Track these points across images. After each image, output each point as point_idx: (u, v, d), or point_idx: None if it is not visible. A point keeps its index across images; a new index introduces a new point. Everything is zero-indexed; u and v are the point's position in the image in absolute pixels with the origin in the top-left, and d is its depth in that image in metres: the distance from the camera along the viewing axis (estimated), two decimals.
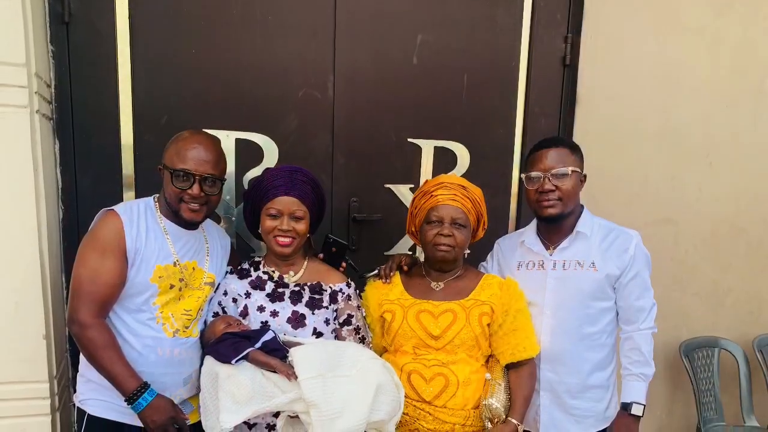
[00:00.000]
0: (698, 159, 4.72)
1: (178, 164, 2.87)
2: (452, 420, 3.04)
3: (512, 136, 4.32)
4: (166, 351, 2.93)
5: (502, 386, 3.13)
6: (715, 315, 5.05)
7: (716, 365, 4.94)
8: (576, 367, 3.30)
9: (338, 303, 3.16)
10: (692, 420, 4.95)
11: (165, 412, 2.81)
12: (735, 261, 5.00)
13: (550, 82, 4.32)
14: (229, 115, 3.75)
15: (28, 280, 3.07)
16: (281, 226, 3.01)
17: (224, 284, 3.17)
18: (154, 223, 2.95)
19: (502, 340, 3.17)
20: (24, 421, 3.15)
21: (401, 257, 3.43)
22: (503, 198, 4.37)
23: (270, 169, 3.22)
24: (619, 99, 4.42)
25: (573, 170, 3.20)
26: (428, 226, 3.16)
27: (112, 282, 2.79)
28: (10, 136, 2.99)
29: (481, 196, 3.26)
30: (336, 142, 3.95)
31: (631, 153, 4.52)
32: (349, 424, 2.69)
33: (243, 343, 2.82)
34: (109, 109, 3.54)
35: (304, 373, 2.69)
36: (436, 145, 4.15)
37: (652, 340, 3.27)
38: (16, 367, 3.11)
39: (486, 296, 3.18)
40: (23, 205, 3.04)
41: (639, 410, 3.24)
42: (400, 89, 4.03)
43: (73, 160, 3.52)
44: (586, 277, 3.23)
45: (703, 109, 4.66)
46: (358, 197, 4.02)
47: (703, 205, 4.79)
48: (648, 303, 3.25)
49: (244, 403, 2.71)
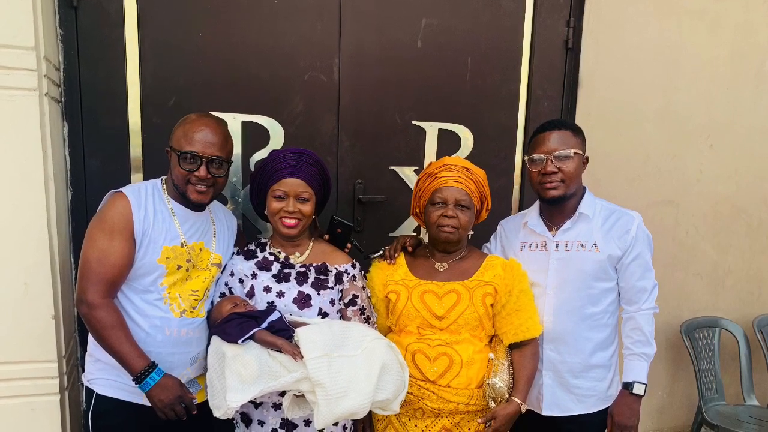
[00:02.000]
0: (699, 140, 4.76)
1: (185, 146, 2.89)
2: (456, 399, 3.07)
3: (515, 118, 4.34)
4: (173, 331, 2.96)
5: (506, 366, 3.16)
6: (715, 295, 5.10)
7: (717, 345, 5.01)
8: (578, 346, 3.32)
9: (343, 283, 3.17)
10: (693, 399, 5.01)
11: (172, 392, 2.83)
12: (735, 242, 5.04)
13: (553, 65, 4.35)
14: (236, 98, 3.77)
15: (38, 261, 3.10)
16: (287, 208, 3.02)
17: (231, 265, 3.19)
18: (161, 205, 2.97)
19: (505, 321, 3.20)
20: (33, 400, 3.17)
21: (405, 238, 3.45)
22: (506, 180, 4.39)
23: (276, 151, 3.23)
24: (620, 81, 4.45)
25: (575, 152, 3.21)
26: (432, 208, 3.18)
27: (120, 263, 2.82)
28: (20, 118, 3.01)
29: (485, 177, 3.27)
30: (341, 124, 3.97)
31: (632, 135, 4.55)
32: (354, 403, 2.73)
33: (249, 323, 2.84)
34: (117, 92, 3.56)
35: (309, 352, 2.72)
36: (440, 128, 4.17)
37: (654, 320, 3.30)
38: (26, 347, 3.13)
39: (489, 277, 3.20)
40: (32, 187, 3.06)
41: (640, 389, 3.26)
42: (404, 72, 4.05)
43: (82, 143, 3.54)
44: (588, 258, 3.25)
45: (704, 91, 4.69)
46: (363, 179, 4.05)
47: (703, 186, 4.84)
48: (649, 283, 3.28)
49: (250, 383, 2.73)
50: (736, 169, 4.91)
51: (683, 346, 4.88)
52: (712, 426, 4.73)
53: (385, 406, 2.92)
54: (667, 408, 5.19)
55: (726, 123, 4.80)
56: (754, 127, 4.88)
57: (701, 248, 4.95)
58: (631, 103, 4.51)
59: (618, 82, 4.44)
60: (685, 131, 4.70)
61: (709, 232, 4.96)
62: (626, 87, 4.47)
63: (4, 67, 2.97)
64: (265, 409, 3.08)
